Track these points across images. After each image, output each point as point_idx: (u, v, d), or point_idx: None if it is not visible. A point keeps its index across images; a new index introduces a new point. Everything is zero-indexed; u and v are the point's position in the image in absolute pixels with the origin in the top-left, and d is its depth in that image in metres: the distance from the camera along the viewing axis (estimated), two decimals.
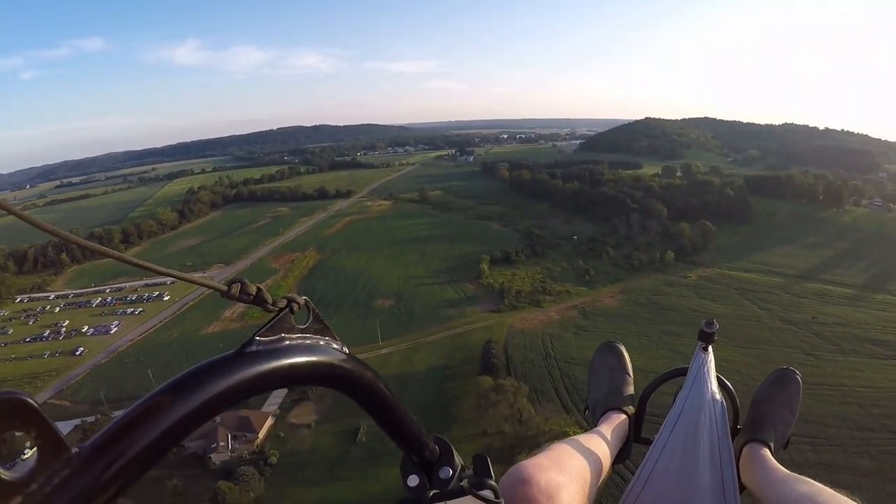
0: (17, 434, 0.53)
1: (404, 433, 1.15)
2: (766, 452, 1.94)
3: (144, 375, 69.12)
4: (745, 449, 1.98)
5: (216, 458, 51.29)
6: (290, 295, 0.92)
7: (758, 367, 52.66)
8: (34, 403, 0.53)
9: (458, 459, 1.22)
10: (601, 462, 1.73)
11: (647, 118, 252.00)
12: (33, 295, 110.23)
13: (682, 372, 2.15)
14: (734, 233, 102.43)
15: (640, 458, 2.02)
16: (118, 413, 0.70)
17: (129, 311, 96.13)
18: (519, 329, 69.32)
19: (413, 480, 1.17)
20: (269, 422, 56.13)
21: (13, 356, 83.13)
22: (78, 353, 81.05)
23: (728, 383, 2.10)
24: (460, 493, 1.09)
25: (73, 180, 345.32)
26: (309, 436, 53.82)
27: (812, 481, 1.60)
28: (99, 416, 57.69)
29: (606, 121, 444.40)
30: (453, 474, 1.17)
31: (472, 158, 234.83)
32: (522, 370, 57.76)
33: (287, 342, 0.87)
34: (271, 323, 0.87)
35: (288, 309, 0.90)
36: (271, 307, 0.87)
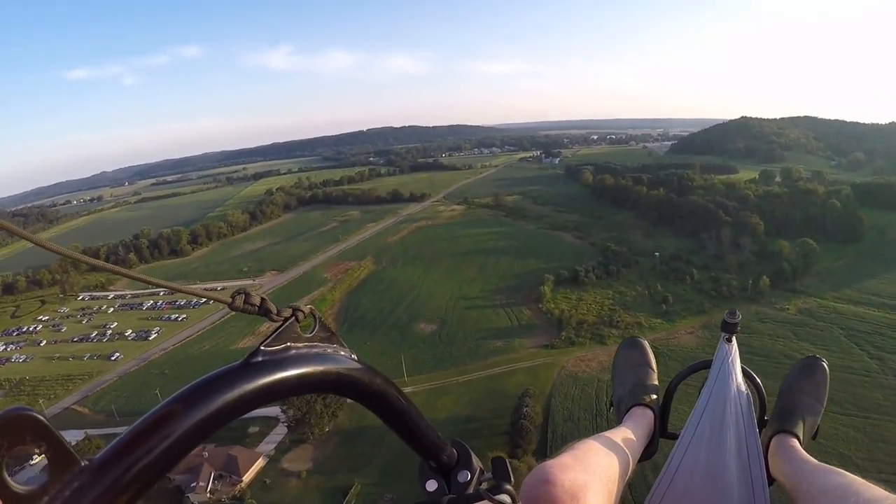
0: (28, 448, 0.58)
1: (420, 438, 1.22)
2: (795, 443, 1.98)
3: (164, 389, 70.62)
4: (773, 441, 2.03)
5: (195, 498, 49.17)
6: (294, 304, 0.97)
7: (864, 446, 44.20)
8: (43, 419, 0.59)
9: (476, 463, 1.29)
10: (627, 459, 1.78)
11: (743, 117, 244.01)
12: (95, 293, 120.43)
13: (706, 365, 2.21)
14: (840, 253, 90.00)
15: (667, 453, 2.11)
16: (124, 427, 0.75)
17: (174, 316, 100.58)
18: (571, 373, 61.21)
19: (431, 485, 1.25)
20: (259, 464, 53.15)
21: (57, 355, 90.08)
22: (113, 358, 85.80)
23: (754, 374, 2.17)
24: (477, 497, 1.14)
25: (168, 178, 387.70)
26: (296, 487, 49.87)
27: (843, 472, 1.64)
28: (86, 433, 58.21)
29: (701, 120, 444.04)
30: (472, 478, 1.26)
31: (557, 161, 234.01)
32: (563, 431, 49.17)
33: (293, 351, 0.92)
34: (277, 333, 0.91)
35: (293, 318, 0.95)
36: (276, 317, 0.92)
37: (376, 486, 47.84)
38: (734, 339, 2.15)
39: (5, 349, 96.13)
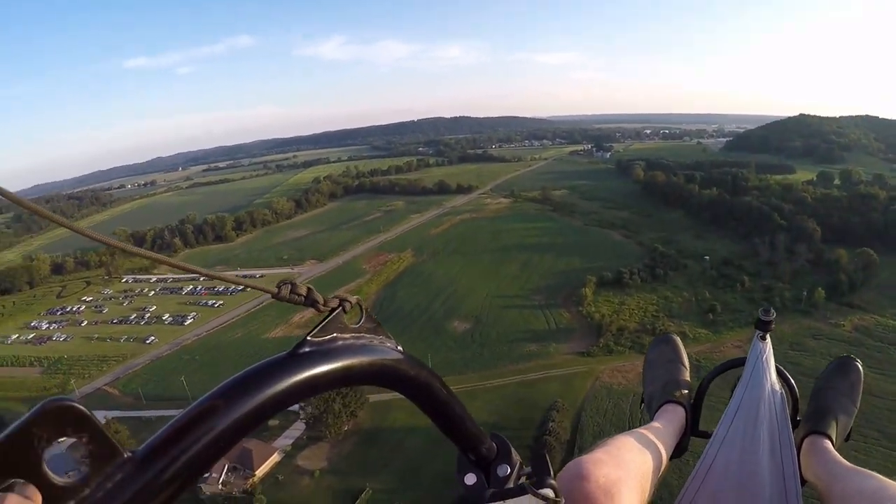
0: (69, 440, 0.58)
1: (460, 430, 1.21)
2: (828, 445, 1.99)
3: (191, 377, 72.06)
4: (805, 441, 2.04)
5: (206, 489, 49.29)
6: (341, 294, 0.97)
7: None
8: (84, 409, 0.59)
9: (515, 457, 1.29)
10: (660, 455, 1.80)
11: (801, 115, 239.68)
12: (138, 276, 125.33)
13: (740, 363, 2.21)
14: None
15: (697, 451, 2.10)
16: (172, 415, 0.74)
17: (211, 302, 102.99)
18: (606, 384, 57.84)
19: (470, 479, 1.23)
20: (274, 458, 52.76)
21: (96, 336, 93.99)
22: (148, 341, 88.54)
23: (787, 374, 2.18)
24: (520, 491, 1.13)
25: (221, 165, 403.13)
26: (308, 486, 49.06)
27: (877, 475, 1.64)
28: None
29: (757, 117, 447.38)
30: (511, 472, 1.25)
31: (608, 155, 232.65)
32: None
33: (340, 342, 0.93)
34: (323, 323, 0.92)
35: (340, 308, 0.95)
36: (323, 307, 0.93)
37: (389, 493, 46.37)
38: (769, 337, 2.13)
39: (48, 328, 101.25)
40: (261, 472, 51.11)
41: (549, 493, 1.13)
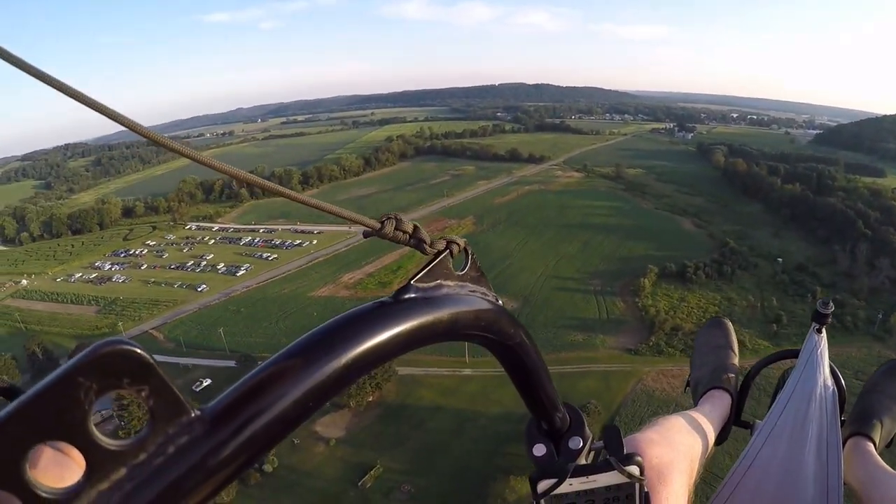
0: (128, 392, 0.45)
1: (541, 396, 1.14)
2: (871, 448, 2.00)
3: (229, 329, 74.59)
4: (848, 442, 2.05)
5: None
6: (448, 236, 0.89)
7: None
8: (147, 355, 0.45)
9: (588, 430, 1.24)
10: (708, 441, 1.80)
11: None
12: (202, 224, 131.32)
13: (792, 354, 2.21)
14: None
15: (736, 440, 2.15)
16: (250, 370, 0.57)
17: (266, 255, 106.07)
18: (649, 388, 53.86)
19: (539, 450, 1.18)
20: None
21: (152, 280, 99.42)
22: (200, 289, 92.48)
23: (838, 372, 2.16)
24: (606, 466, 1.09)
25: (299, 118, 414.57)
26: (321, 454, 49.02)
27: None
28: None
29: (851, 111, 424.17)
30: (583, 445, 1.20)
31: (690, 136, 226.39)
32: None
33: (445, 290, 0.84)
34: (429, 267, 0.83)
35: (447, 251, 0.87)
36: (429, 249, 0.84)
37: (400, 474, 45.46)
38: (824, 330, 2.13)
39: (110, 268, 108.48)
40: None
41: (635, 470, 1.10)
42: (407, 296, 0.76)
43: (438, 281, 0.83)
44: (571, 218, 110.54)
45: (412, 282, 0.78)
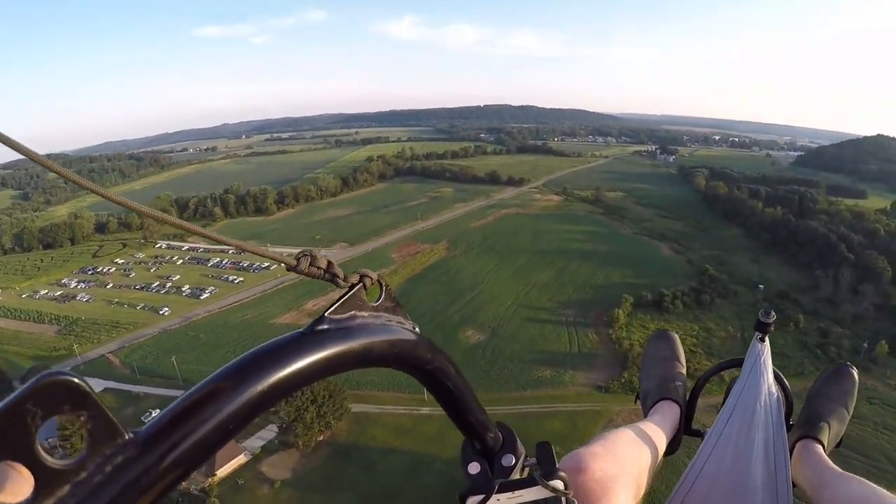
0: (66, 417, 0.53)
1: (469, 418, 1.19)
2: (820, 450, 2.05)
3: (183, 357, 71.39)
4: (797, 445, 2.09)
5: None
6: (361, 270, 0.94)
7: None
8: (84, 385, 0.53)
9: (520, 447, 1.29)
10: (656, 452, 1.84)
11: (879, 135, 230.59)
12: (172, 243, 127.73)
13: (737, 363, 2.26)
14: None
15: (687, 449, 2.19)
16: (179, 395, 0.67)
17: (232, 278, 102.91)
18: None
19: (474, 468, 1.22)
20: (240, 460, 50.28)
21: (116, 300, 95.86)
22: (162, 311, 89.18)
23: (783, 377, 2.21)
24: (530, 482, 1.13)
25: (283, 135, 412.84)
26: (265, 496, 46.27)
27: (866, 481, 1.71)
28: None
29: (832, 133, 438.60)
30: (516, 462, 1.24)
31: (672, 159, 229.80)
32: None
33: (359, 320, 0.89)
34: (343, 299, 0.87)
35: (360, 284, 0.92)
36: (343, 282, 0.89)
37: None
38: (767, 338, 2.20)
39: (76, 286, 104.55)
40: (223, 472, 48.73)
41: (559, 484, 1.13)
42: (321, 327, 0.81)
43: (352, 312, 0.88)
44: (547, 243, 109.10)
45: (326, 314, 0.83)
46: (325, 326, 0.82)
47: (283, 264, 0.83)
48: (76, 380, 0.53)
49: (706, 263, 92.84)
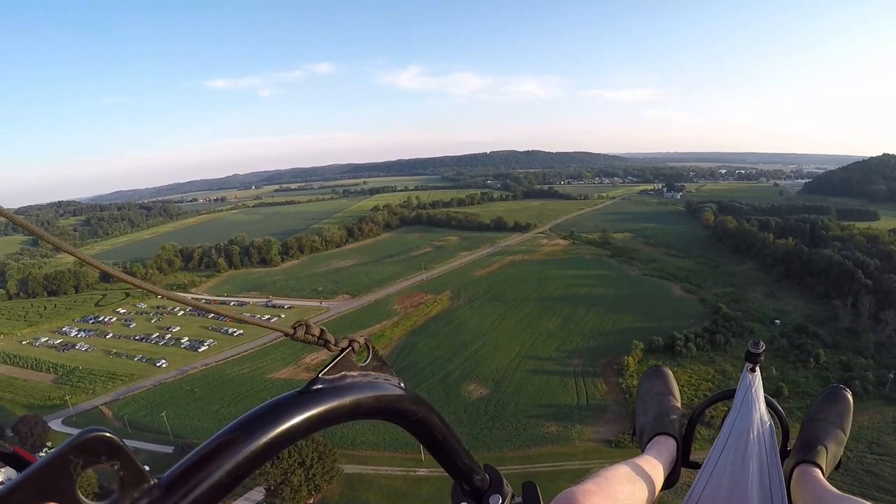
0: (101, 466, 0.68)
1: (455, 462, 1.30)
2: (818, 474, 2.04)
3: (174, 412, 69.29)
4: (796, 471, 2.09)
5: None
6: (350, 335, 1.11)
7: None
8: (117, 439, 0.68)
9: (507, 488, 1.38)
10: (652, 487, 1.86)
11: (885, 155, 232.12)
12: (174, 294, 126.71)
13: (730, 394, 2.29)
14: None
15: (688, 482, 2.17)
16: (195, 446, 0.82)
17: (231, 330, 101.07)
18: None
19: None
20: None
21: (114, 350, 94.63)
22: (158, 364, 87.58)
23: (777, 404, 2.24)
24: None
25: (292, 186, 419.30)
26: None
27: (865, 502, 1.70)
28: None
29: (838, 157, 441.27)
30: (503, 502, 1.34)
31: (679, 195, 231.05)
32: None
33: (349, 379, 1.05)
34: (334, 362, 1.04)
35: (349, 348, 1.08)
36: (334, 347, 1.05)
37: None
38: (758, 368, 2.22)
39: (76, 335, 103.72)
40: None
41: None
42: (316, 387, 0.98)
43: (343, 372, 1.04)
44: (553, 290, 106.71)
45: (320, 375, 1.00)
46: (320, 386, 0.98)
47: (283, 333, 0.97)
48: (112, 435, 0.68)
49: (719, 302, 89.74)
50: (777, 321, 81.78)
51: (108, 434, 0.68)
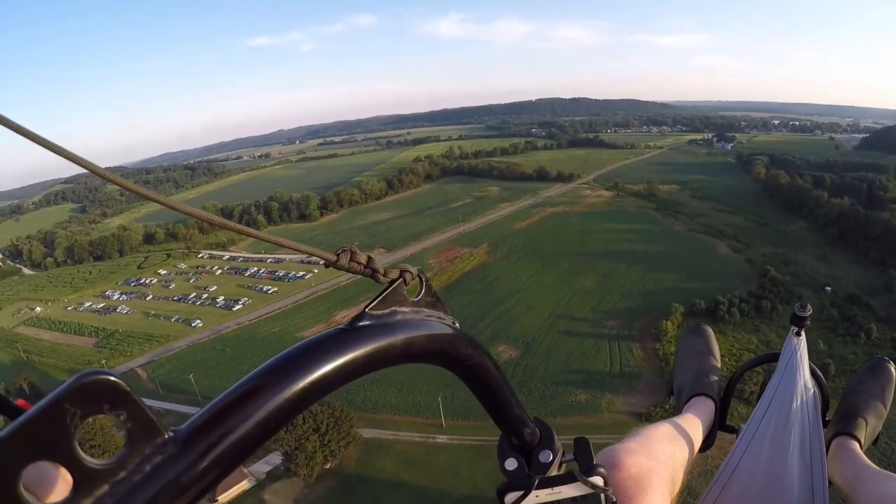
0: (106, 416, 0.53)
1: (507, 413, 1.19)
2: (856, 447, 2.04)
3: (202, 373, 70.24)
4: (833, 442, 2.09)
5: None
6: (401, 266, 0.94)
7: None
8: (122, 384, 0.52)
9: (558, 443, 1.28)
10: (691, 448, 1.85)
11: None
12: (214, 252, 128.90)
13: (773, 358, 2.26)
14: None
15: (720, 446, 2.20)
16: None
17: (266, 288, 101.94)
18: None
19: (511, 464, 1.21)
20: (243, 486, 47.57)
21: (153, 312, 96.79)
22: (194, 324, 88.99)
23: (819, 372, 2.20)
24: (569, 478, 1.14)
25: (336, 139, 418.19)
26: None
27: None
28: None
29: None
30: (553, 458, 1.24)
31: (730, 146, 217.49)
32: None
33: (399, 316, 0.89)
34: (383, 295, 0.87)
35: (401, 280, 0.92)
36: (383, 278, 0.89)
37: None
38: (803, 333, 2.18)
39: (118, 298, 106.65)
40: (225, 497, 46.04)
41: (598, 480, 1.14)
42: (362, 323, 0.80)
43: (393, 308, 0.87)
44: (593, 245, 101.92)
45: (366, 309, 0.83)
46: (366, 322, 0.82)
47: (323, 260, 0.82)
48: (115, 378, 0.52)
49: (767, 264, 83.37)
50: (828, 288, 75.53)
51: (111, 377, 0.52)
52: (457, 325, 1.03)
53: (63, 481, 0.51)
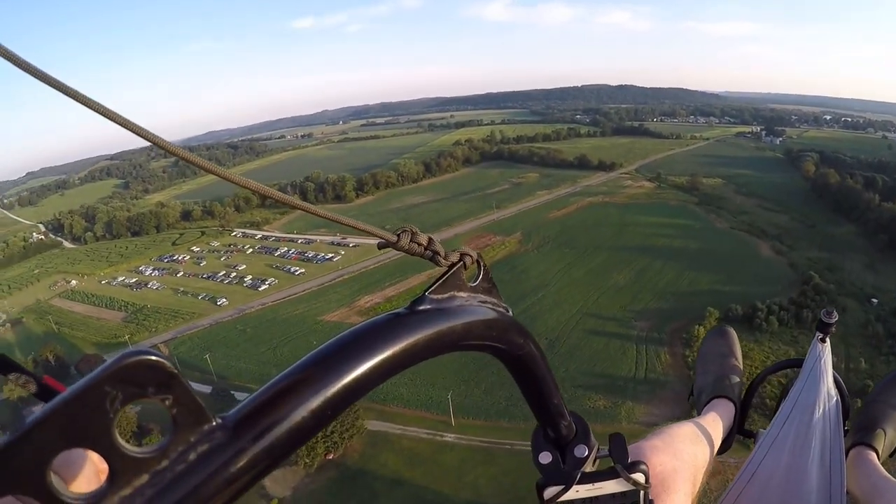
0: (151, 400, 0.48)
1: (548, 405, 1.17)
2: (874, 457, 2.02)
3: (216, 353, 70.24)
4: (851, 452, 2.08)
5: None
6: (461, 249, 0.91)
7: None
8: (169, 365, 0.47)
9: (593, 439, 1.26)
10: (712, 450, 1.81)
11: None
12: (248, 231, 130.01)
13: (795, 363, 2.25)
14: None
15: (736, 450, 2.17)
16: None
17: (293, 269, 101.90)
18: None
19: (545, 457, 1.19)
20: None
21: (182, 289, 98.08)
22: (219, 303, 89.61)
23: (840, 380, 2.16)
24: (612, 474, 1.13)
25: (379, 120, 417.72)
26: None
27: None
28: None
29: None
30: (589, 454, 1.21)
31: (779, 141, 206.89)
32: None
33: (458, 301, 0.86)
34: (444, 279, 0.86)
35: (461, 264, 0.90)
36: (443, 261, 0.87)
37: None
38: (828, 339, 2.15)
39: (150, 273, 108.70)
40: None
41: (640, 478, 1.12)
42: (422, 307, 0.78)
43: (452, 292, 0.85)
44: (630, 238, 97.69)
45: (427, 293, 0.81)
46: (427, 306, 0.79)
47: (381, 240, 0.79)
48: (161, 359, 0.47)
49: (811, 269, 77.98)
50: (874, 300, 69.54)
51: (157, 358, 0.47)
52: (510, 312, 1.00)
53: (95, 468, 0.49)
